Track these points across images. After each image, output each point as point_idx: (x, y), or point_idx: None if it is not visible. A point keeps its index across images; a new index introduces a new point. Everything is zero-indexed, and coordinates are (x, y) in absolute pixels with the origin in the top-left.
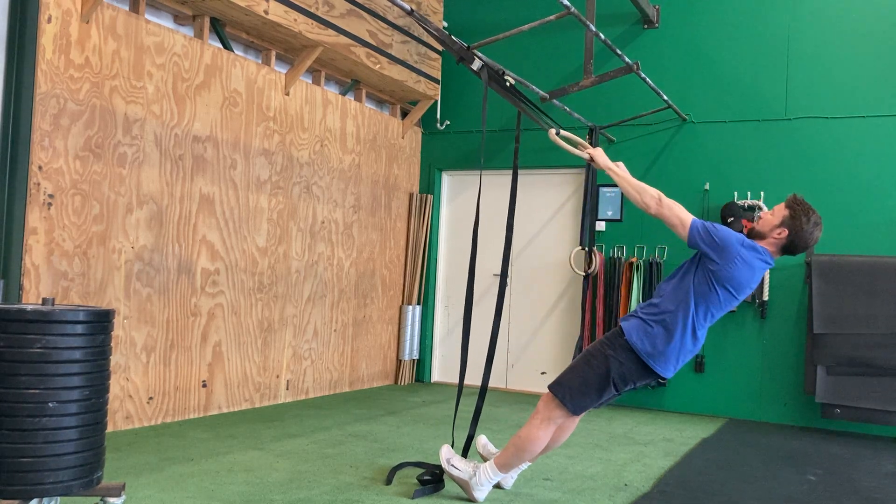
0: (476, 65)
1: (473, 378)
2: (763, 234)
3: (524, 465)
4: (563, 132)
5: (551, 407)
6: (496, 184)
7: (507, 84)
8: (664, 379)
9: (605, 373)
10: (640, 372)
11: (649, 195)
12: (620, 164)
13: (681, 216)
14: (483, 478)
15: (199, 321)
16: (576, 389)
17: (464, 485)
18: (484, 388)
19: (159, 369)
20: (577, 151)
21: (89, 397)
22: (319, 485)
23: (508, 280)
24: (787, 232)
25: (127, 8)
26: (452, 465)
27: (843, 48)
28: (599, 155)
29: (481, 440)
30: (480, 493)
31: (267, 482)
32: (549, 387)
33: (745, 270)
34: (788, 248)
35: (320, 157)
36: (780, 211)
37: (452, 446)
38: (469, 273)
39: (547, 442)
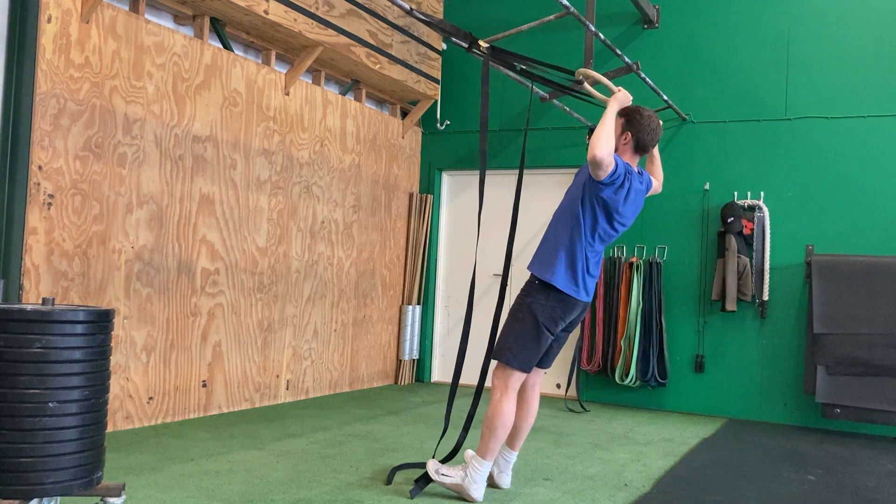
0: (484, 46)
1: (470, 378)
2: (616, 146)
3: (512, 458)
4: (587, 80)
5: (502, 375)
6: (497, 183)
7: (518, 69)
8: (585, 303)
9: (533, 320)
10: (563, 306)
11: (609, 145)
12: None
13: (610, 164)
14: (474, 473)
15: (199, 321)
16: (515, 347)
17: (459, 489)
18: (479, 392)
19: (159, 369)
20: (607, 83)
21: (89, 397)
22: (319, 485)
23: (508, 280)
24: (630, 134)
25: (127, 8)
26: (443, 475)
27: (843, 48)
28: (622, 96)
29: (469, 453)
30: (477, 492)
31: (267, 482)
32: (492, 356)
33: (621, 196)
34: (638, 147)
35: (320, 157)
36: (618, 121)
37: (434, 456)
38: (471, 283)
39: (513, 414)
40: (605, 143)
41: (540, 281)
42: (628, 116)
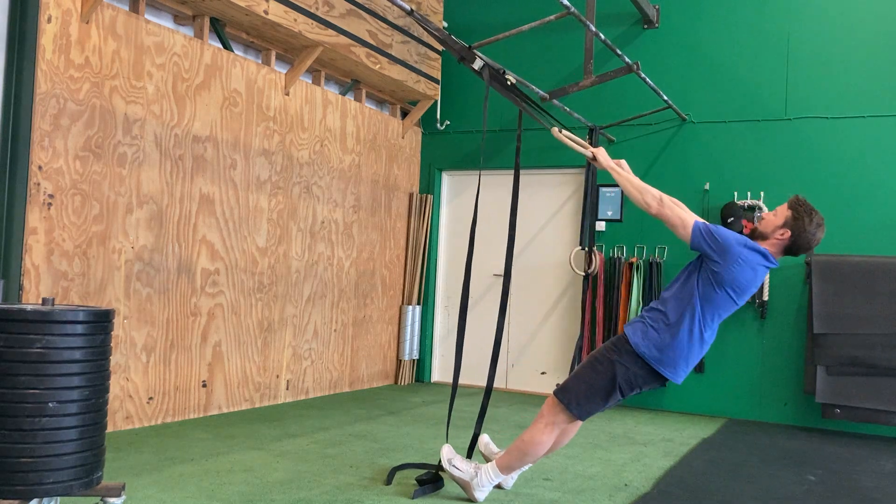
0: (477, 64)
1: (470, 378)
2: (766, 234)
3: (525, 467)
4: (565, 131)
5: (556, 412)
6: (496, 184)
7: (509, 83)
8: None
9: (611, 378)
10: (647, 377)
11: (651, 195)
12: (623, 161)
13: (683, 217)
14: (484, 479)
15: (199, 321)
16: (582, 395)
17: (465, 485)
18: (489, 388)
19: (159, 369)
20: (580, 149)
21: (89, 397)
22: (319, 485)
23: (509, 282)
24: (789, 233)
25: (127, 8)
26: (454, 466)
27: (843, 48)
28: (601, 154)
29: (483, 439)
30: (481, 494)
31: (267, 482)
32: (555, 393)
33: (747, 271)
34: (790, 249)
35: (320, 157)
36: (783, 212)
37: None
38: (465, 272)
39: (549, 446)
40: (649, 196)
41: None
42: (798, 214)
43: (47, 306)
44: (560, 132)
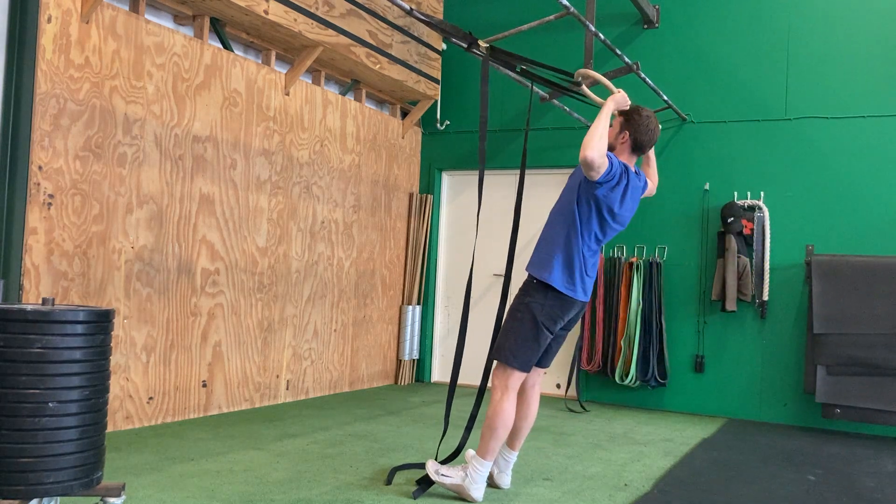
0: (484, 47)
1: (470, 378)
2: (613, 145)
3: (512, 458)
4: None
5: (502, 375)
6: (497, 183)
7: (514, 64)
8: (584, 302)
9: (532, 319)
10: (562, 305)
11: (601, 146)
12: (620, 91)
13: (603, 164)
14: (474, 474)
15: (199, 321)
16: (514, 346)
17: (459, 489)
18: (481, 392)
19: (159, 369)
20: (607, 83)
21: (89, 397)
22: (319, 485)
23: (510, 281)
24: (627, 133)
25: (127, 8)
26: (442, 475)
27: (843, 48)
28: (619, 97)
29: (470, 452)
30: (477, 492)
31: (267, 482)
32: (492, 356)
33: (618, 194)
34: (635, 146)
35: (320, 157)
36: (617, 120)
37: (436, 458)
38: (468, 277)
39: (513, 413)
40: (596, 143)
41: (538, 281)
42: (627, 116)
43: (47, 306)
44: (585, 70)
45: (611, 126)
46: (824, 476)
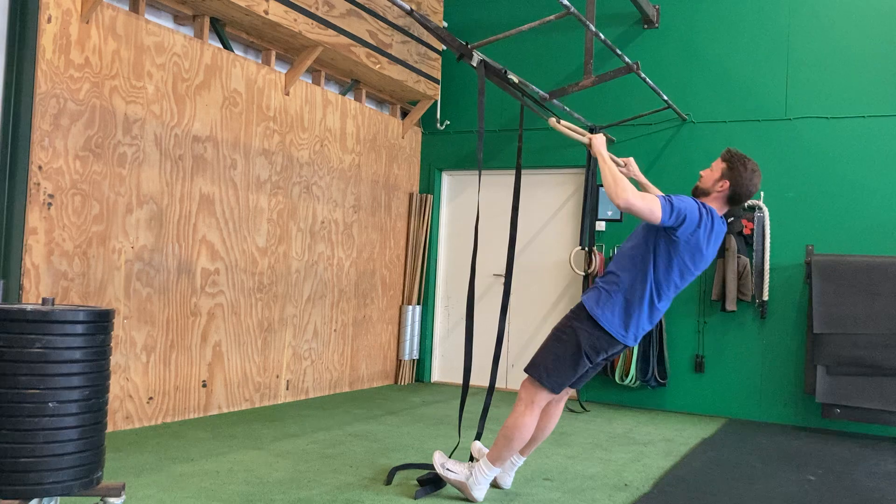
0: (475, 60)
1: (472, 378)
2: (707, 190)
3: (519, 462)
4: (563, 121)
5: (531, 390)
6: (496, 184)
7: (508, 79)
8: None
9: (576, 345)
10: (610, 341)
11: (622, 187)
12: (630, 160)
13: (651, 206)
14: (479, 476)
15: (199, 321)
16: (551, 366)
17: (461, 486)
18: (492, 387)
19: (159, 369)
20: (578, 137)
21: (89, 397)
22: (319, 485)
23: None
24: (728, 183)
25: (127, 8)
26: (448, 469)
27: (843, 48)
28: (596, 141)
29: (476, 446)
30: (479, 493)
31: (267, 482)
32: (525, 369)
33: (702, 234)
34: (732, 198)
35: (320, 157)
36: (718, 165)
37: (455, 448)
38: (471, 274)
39: (533, 428)
40: (619, 190)
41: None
42: (732, 164)
43: (47, 306)
44: (558, 122)
45: (709, 168)
46: (824, 476)
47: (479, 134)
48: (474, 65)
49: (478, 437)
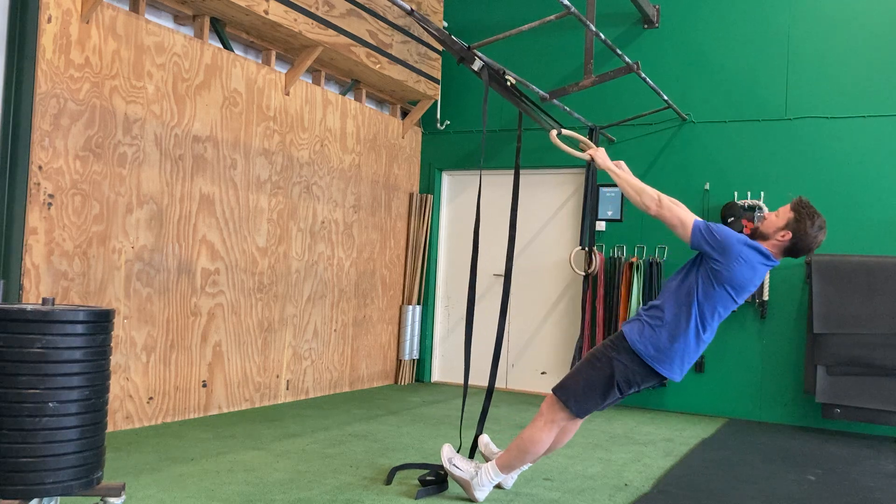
0: (476, 65)
1: (472, 378)
2: (767, 235)
3: (525, 466)
4: (564, 132)
5: (555, 409)
6: (496, 184)
7: (508, 84)
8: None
9: (609, 376)
10: (645, 375)
11: (649, 196)
12: (622, 163)
13: (682, 217)
14: (485, 478)
15: (199, 321)
16: (580, 393)
17: (465, 484)
18: (491, 388)
19: (159, 369)
20: (578, 154)
21: (89, 397)
22: (319, 485)
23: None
24: (790, 235)
25: (127, 8)
26: (454, 465)
27: (843, 48)
28: (600, 155)
29: (483, 439)
30: (481, 494)
31: (267, 482)
32: (553, 390)
33: (746, 270)
34: (791, 250)
35: (320, 157)
36: (785, 213)
37: (458, 449)
38: (471, 273)
39: (549, 444)
40: (637, 196)
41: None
42: (800, 215)
43: (47, 306)
44: (557, 136)
45: (775, 213)
46: (824, 476)
47: (483, 139)
48: (474, 68)
49: (476, 439)
